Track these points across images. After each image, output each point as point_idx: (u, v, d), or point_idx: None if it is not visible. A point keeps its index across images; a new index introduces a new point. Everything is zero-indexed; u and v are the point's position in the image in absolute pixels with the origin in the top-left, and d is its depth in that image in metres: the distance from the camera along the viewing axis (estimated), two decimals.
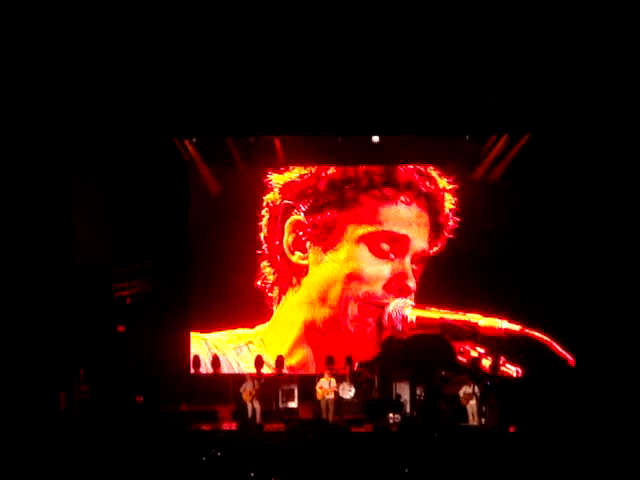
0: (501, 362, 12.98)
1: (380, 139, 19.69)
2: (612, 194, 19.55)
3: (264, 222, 13.67)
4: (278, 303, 13.56)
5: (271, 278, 13.37)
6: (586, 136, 19.40)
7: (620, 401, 17.25)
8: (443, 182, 13.70)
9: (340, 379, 18.87)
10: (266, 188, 13.97)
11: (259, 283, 13.77)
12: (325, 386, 18.36)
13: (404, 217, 13.27)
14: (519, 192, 19.44)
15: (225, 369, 14.81)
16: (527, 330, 12.64)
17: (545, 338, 12.84)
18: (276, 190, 13.40)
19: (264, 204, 13.80)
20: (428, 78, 18.42)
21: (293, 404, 19.23)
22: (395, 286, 13.20)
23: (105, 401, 18.40)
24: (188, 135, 20.75)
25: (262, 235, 13.57)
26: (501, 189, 17.37)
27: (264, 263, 13.51)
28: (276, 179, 13.72)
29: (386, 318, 13.38)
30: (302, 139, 20.41)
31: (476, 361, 16.16)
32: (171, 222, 21.25)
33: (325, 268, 13.23)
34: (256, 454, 11.64)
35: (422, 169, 13.70)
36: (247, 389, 18.41)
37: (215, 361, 19.11)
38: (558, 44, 17.83)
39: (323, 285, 13.13)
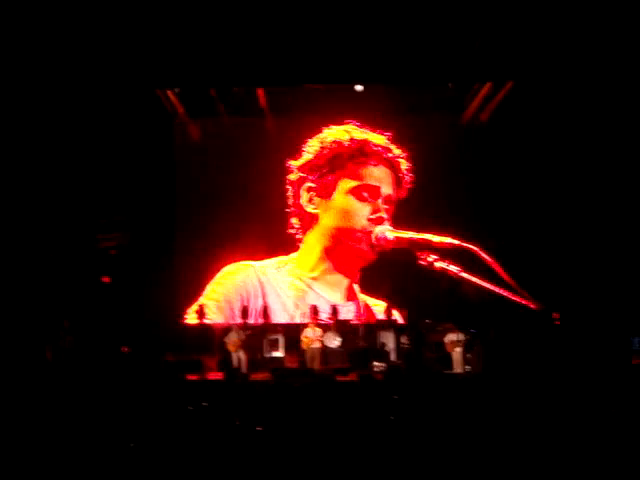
0: (447, 263, 16.94)
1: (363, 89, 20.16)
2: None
3: (290, 194, 18.75)
4: (303, 236, 18.66)
5: (296, 223, 18.59)
6: (568, 84, 19.39)
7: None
8: (398, 151, 18.53)
9: (325, 328, 18.94)
10: (288, 170, 19.02)
11: (291, 230, 18.79)
12: (310, 335, 18.42)
13: (375, 174, 18.16)
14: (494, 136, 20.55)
15: (271, 296, 18.62)
16: (464, 244, 16.96)
17: (474, 247, 16.87)
18: (295, 170, 18.56)
19: (287, 183, 18.83)
20: (411, 26, 18.31)
21: (279, 353, 19.28)
22: (374, 219, 17.88)
23: (90, 352, 18.39)
24: (171, 85, 20.66)
25: (290, 200, 18.74)
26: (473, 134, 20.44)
27: (293, 218, 18.68)
28: (294, 163, 18.79)
29: (373, 238, 17.86)
30: (286, 89, 20.45)
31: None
32: (156, 173, 21.18)
33: (329, 213, 18.06)
34: (242, 404, 11.70)
35: (382, 144, 18.52)
36: (232, 339, 18.45)
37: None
38: None
39: (330, 223, 18.03)
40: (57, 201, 19.93)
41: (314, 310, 19.53)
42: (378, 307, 19.43)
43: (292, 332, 19.23)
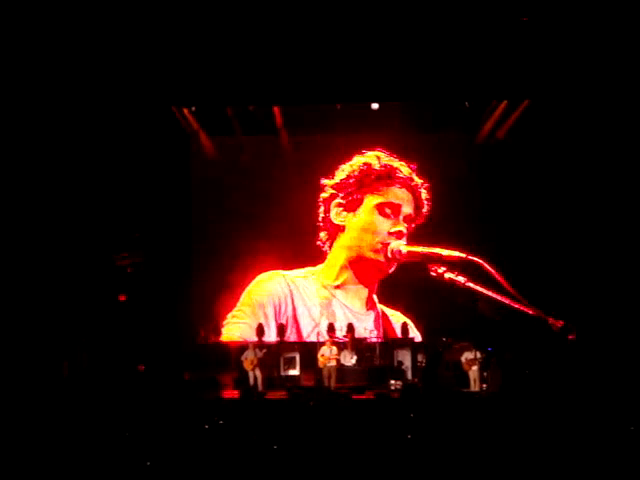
0: (455, 274, 17.62)
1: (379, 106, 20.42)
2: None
3: (321, 210, 19.74)
4: (330, 249, 19.68)
5: (324, 237, 19.57)
6: (584, 102, 19.40)
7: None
8: (420, 181, 19.62)
9: (342, 346, 18.94)
10: (320, 189, 19.98)
11: (319, 243, 19.79)
12: (327, 354, 18.42)
13: (398, 194, 19.23)
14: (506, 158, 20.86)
15: (299, 303, 19.61)
16: (470, 256, 17.76)
17: (479, 260, 17.49)
18: (327, 189, 19.60)
19: (320, 199, 19.81)
20: (428, 45, 18.35)
21: (295, 372, 19.30)
22: (393, 233, 18.96)
23: (107, 370, 18.41)
24: (187, 104, 20.77)
25: (320, 215, 19.77)
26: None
27: (322, 232, 19.73)
28: (328, 182, 19.75)
29: (389, 252, 18.85)
30: (302, 108, 20.54)
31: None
32: (173, 191, 21.27)
33: (354, 225, 19.18)
34: (258, 422, 11.69)
35: (407, 173, 19.68)
36: (249, 357, 18.49)
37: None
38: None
39: (354, 235, 19.15)
40: (75, 219, 19.98)
41: (330, 328, 19.57)
42: (395, 317, 19.95)
43: (308, 350, 19.24)
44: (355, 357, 18.96)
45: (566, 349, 18.12)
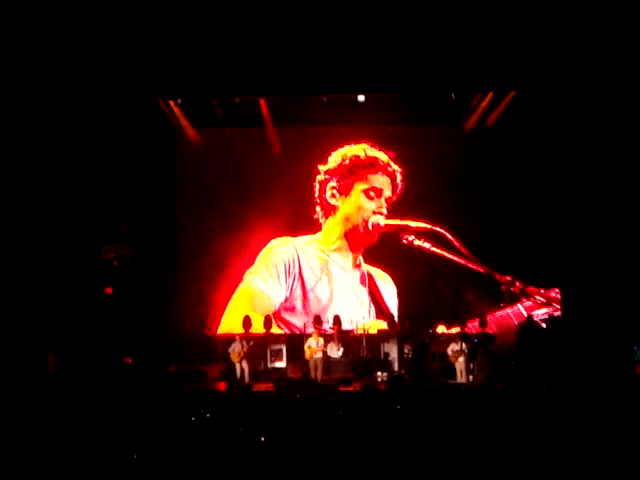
0: (422, 241, 20.58)
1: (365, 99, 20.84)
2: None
3: (317, 190, 21.47)
4: (325, 221, 21.62)
5: (320, 211, 21.45)
6: (570, 94, 19.49)
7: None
8: (396, 167, 21.36)
9: (328, 338, 18.98)
10: (316, 171, 21.51)
11: (316, 216, 21.49)
12: (313, 345, 18.45)
13: (380, 180, 21.23)
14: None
15: (304, 263, 21.37)
16: (434, 227, 20.54)
17: (441, 230, 20.46)
18: (322, 173, 21.44)
19: (316, 182, 21.48)
20: (414, 37, 18.38)
21: (281, 364, 19.35)
22: (376, 212, 21.04)
23: (93, 362, 18.38)
24: (173, 96, 20.77)
25: (316, 195, 21.46)
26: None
27: (317, 207, 21.47)
28: (322, 167, 21.46)
29: (370, 225, 20.96)
30: (288, 99, 20.62)
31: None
32: (158, 183, 21.30)
33: (346, 206, 21.15)
34: (245, 414, 11.69)
35: (386, 160, 21.41)
36: (236, 349, 18.50)
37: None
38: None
39: (345, 213, 21.15)
40: (60, 212, 19.91)
41: (317, 320, 19.64)
42: (377, 274, 21.76)
43: (295, 342, 19.29)
44: (342, 349, 19.01)
45: (552, 340, 18.31)
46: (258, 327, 19.65)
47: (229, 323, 20.64)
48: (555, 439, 9.63)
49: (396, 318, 20.91)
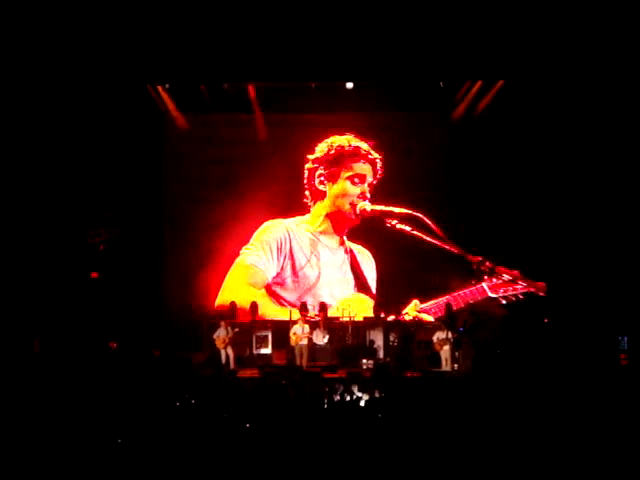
0: (404, 224, 20.86)
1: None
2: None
3: (306, 177, 22.00)
4: (313, 205, 22.14)
5: (309, 195, 22.08)
6: (558, 83, 19.55)
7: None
8: (377, 155, 21.69)
9: (314, 325, 19.00)
10: (305, 160, 21.95)
11: (305, 200, 22.16)
12: (299, 332, 18.46)
13: (363, 167, 21.63)
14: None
15: (295, 242, 21.98)
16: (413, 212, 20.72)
17: (420, 215, 20.55)
18: (310, 162, 21.88)
19: (305, 169, 21.98)
20: (403, 25, 18.41)
21: (267, 350, 19.34)
22: (360, 196, 21.55)
23: (78, 347, 18.35)
24: (161, 81, 20.74)
25: (305, 182, 22.02)
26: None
27: (307, 192, 21.99)
28: (310, 157, 21.82)
29: (357, 209, 21.45)
30: (277, 86, 20.68)
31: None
32: (145, 168, 21.31)
33: (332, 191, 21.69)
34: (230, 400, 11.69)
35: (367, 149, 21.85)
36: (221, 335, 18.49)
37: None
38: None
39: (332, 198, 21.71)
40: (46, 196, 19.87)
41: (303, 307, 19.64)
42: (359, 251, 22.49)
43: (280, 329, 19.28)
44: (327, 336, 19.02)
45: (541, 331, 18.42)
46: (248, 301, 20.28)
47: (226, 295, 21.07)
48: (540, 429, 9.66)
49: (374, 290, 22.12)
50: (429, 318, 20.49)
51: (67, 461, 8.73)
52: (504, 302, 20.44)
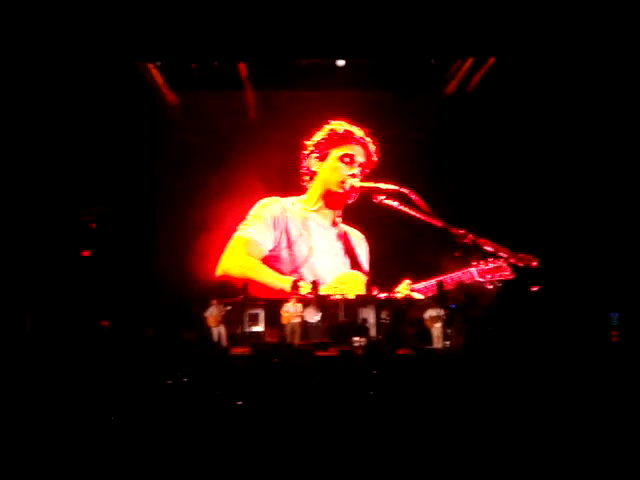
0: (391, 200, 21.72)
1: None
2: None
3: (303, 160, 22.44)
4: (310, 183, 22.60)
5: (306, 178, 22.44)
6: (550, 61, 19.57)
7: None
8: (369, 139, 22.31)
9: (306, 303, 19.02)
10: (302, 144, 22.40)
11: (304, 184, 22.63)
12: (291, 310, 18.49)
13: (353, 148, 22.22)
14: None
15: (290, 220, 22.46)
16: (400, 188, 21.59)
17: (406, 191, 21.56)
18: (308, 147, 22.26)
19: (303, 153, 22.40)
20: (395, 2, 18.37)
21: (259, 328, 19.39)
22: (350, 175, 22.07)
23: (70, 326, 18.35)
24: (152, 59, 20.68)
25: (303, 162, 22.40)
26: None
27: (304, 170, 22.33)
28: (308, 142, 22.24)
29: (347, 186, 22.08)
30: (268, 64, 20.64)
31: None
32: (136, 145, 21.26)
33: (323, 169, 22.27)
34: (222, 378, 11.72)
35: (360, 135, 22.45)
36: (213, 314, 18.49)
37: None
38: None
39: (325, 177, 22.27)
40: (37, 174, 19.82)
41: (295, 285, 19.67)
42: (352, 230, 22.69)
43: (272, 307, 19.31)
44: (319, 314, 19.07)
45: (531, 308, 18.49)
46: (248, 269, 21.42)
47: (225, 265, 21.61)
48: (531, 407, 9.71)
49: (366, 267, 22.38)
50: (420, 296, 20.51)
51: (60, 439, 8.76)
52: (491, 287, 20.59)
